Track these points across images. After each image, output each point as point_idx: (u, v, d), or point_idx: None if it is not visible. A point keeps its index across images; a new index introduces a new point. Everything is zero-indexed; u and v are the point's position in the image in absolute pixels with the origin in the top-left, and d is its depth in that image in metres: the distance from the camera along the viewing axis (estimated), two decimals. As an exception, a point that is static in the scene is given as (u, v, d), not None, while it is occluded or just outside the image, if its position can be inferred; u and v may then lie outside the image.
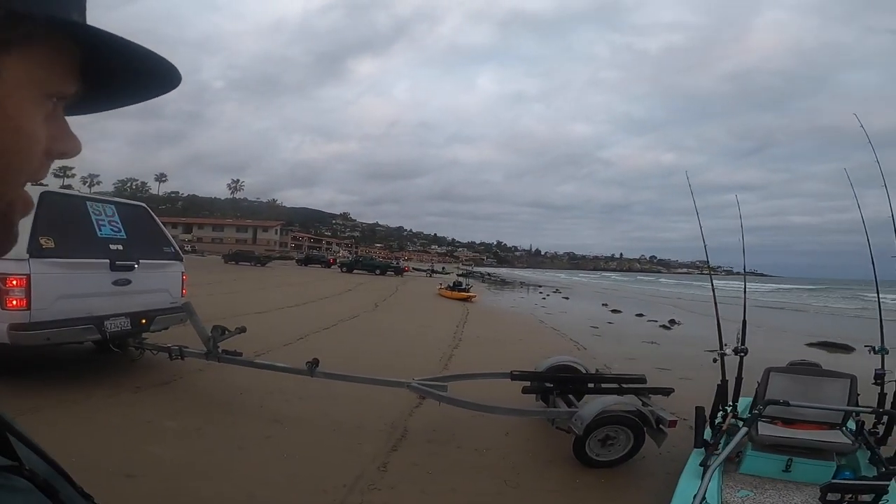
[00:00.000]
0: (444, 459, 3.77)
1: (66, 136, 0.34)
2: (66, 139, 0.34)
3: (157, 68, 0.35)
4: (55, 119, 0.33)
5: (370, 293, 19.64)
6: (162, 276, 5.64)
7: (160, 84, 0.37)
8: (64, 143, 0.34)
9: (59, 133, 0.33)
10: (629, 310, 18.30)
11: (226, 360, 4.92)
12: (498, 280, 48.88)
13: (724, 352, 3.91)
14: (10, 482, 0.27)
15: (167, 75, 0.36)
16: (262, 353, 6.47)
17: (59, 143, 0.34)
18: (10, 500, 0.26)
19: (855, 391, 3.43)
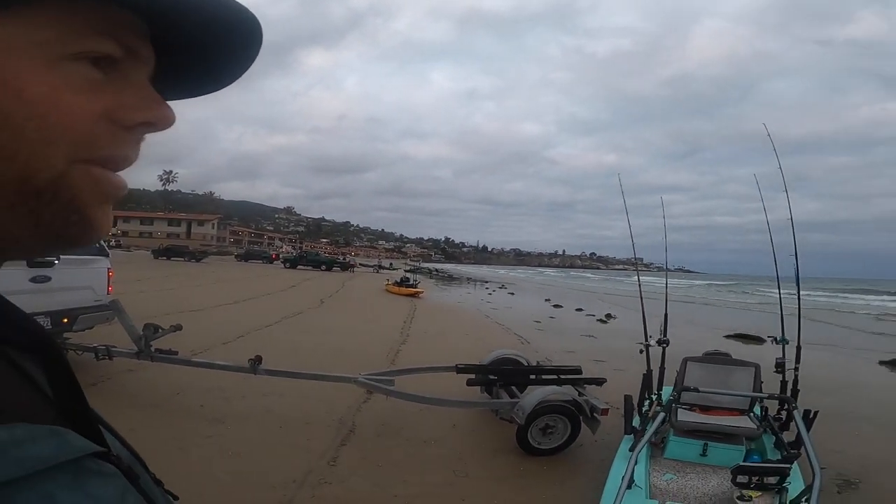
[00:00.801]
0: (394, 452, 3.83)
1: (141, 104, 0.30)
2: (142, 107, 0.30)
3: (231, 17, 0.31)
4: (120, 84, 0.30)
5: (316, 290, 19.21)
6: (85, 272, 5.27)
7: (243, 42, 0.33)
8: (139, 111, 0.30)
9: (129, 100, 0.30)
10: (570, 305, 19.11)
11: (160, 359, 4.70)
12: (445, 276, 49.25)
13: (649, 343, 4.24)
14: (102, 468, 0.28)
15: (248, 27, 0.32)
16: (200, 351, 6.21)
17: (129, 110, 0.30)
18: (101, 483, 0.27)
19: (759, 378, 3.78)
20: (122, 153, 0.31)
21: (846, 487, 3.46)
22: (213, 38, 0.32)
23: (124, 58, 0.30)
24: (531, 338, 10.01)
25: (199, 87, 0.37)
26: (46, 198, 0.28)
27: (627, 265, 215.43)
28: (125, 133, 0.30)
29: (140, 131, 0.31)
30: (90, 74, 0.28)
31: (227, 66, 0.35)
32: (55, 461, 0.25)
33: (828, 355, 9.12)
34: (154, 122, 0.31)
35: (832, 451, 3.93)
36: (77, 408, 0.32)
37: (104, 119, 0.29)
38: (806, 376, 4.07)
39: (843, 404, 5.54)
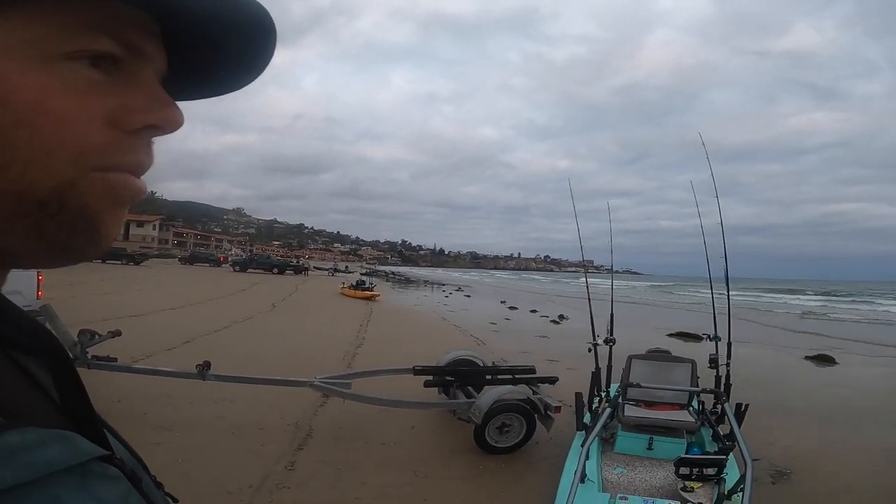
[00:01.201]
0: (353, 455, 3.80)
1: (147, 106, 0.29)
2: (147, 109, 0.29)
3: (243, 12, 0.30)
4: (124, 85, 0.28)
5: (267, 293, 18.59)
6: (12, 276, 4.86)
7: (259, 36, 0.32)
8: (143, 113, 0.28)
9: (133, 102, 0.28)
10: (525, 307, 19.52)
11: (97, 366, 4.41)
12: (402, 279, 49.03)
13: (597, 342, 4.41)
14: (106, 471, 0.28)
15: (261, 21, 0.31)
16: (142, 358, 5.90)
17: (134, 113, 0.28)
18: (107, 486, 0.27)
19: (696, 374, 4.01)
20: (134, 160, 0.29)
21: (779, 478, 3.69)
22: (225, 34, 0.30)
23: (127, 56, 0.28)
24: (487, 339, 10.15)
25: (214, 87, 0.36)
26: (51, 209, 0.26)
27: (579, 267, 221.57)
28: (129, 137, 0.28)
29: (147, 135, 0.30)
30: (89, 75, 0.27)
31: (242, 63, 0.34)
32: (64, 465, 0.25)
33: (758, 352, 9.83)
34: (160, 124, 0.30)
35: (765, 443, 4.21)
36: (82, 411, 0.32)
37: (106, 122, 0.27)
38: (738, 371, 4.37)
39: (773, 398, 5.96)
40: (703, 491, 2.72)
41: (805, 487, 3.55)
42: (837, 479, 3.70)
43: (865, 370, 8.46)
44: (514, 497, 3.32)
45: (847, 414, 5.49)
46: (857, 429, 4.94)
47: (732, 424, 3.23)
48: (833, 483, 3.62)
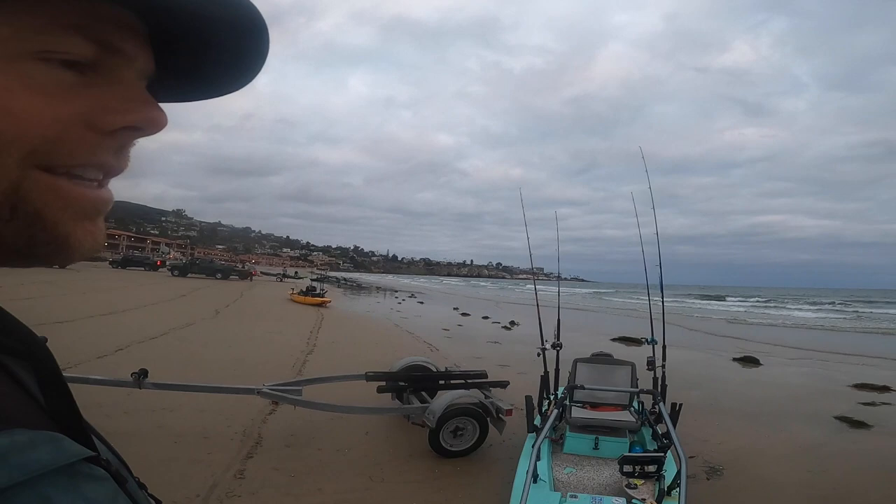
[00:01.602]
0: (307, 462, 3.71)
1: (125, 106, 0.28)
2: (126, 110, 0.28)
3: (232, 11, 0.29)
4: (100, 86, 0.27)
5: (209, 299, 17.70)
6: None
7: (252, 39, 0.31)
8: (120, 114, 0.28)
9: (110, 103, 0.28)
10: (477, 313, 19.72)
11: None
12: (354, 285, 48.19)
13: (545, 347, 4.56)
14: (93, 471, 0.28)
15: (251, 19, 0.30)
16: (69, 367, 5.47)
17: (110, 114, 0.28)
18: (94, 486, 0.27)
19: (635, 375, 4.22)
20: (99, 160, 0.28)
21: (713, 474, 3.90)
22: (214, 32, 0.29)
23: (105, 56, 0.27)
24: (440, 345, 10.19)
25: (207, 89, 0.35)
26: (3, 214, 0.26)
27: (530, 275, 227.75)
28: (104, 139, 0.28)
29: (125, 136, 0.29)
30: (60, 76, 0.26)
31: (234, 64, 0.33)
32: (53, 466, 0.25)
33: (692, 354, 10.47)
34: (139, 125, 0.29)
35: (700, 441, 4.47)
36: (67, 413, 0.32)
37: (79, 124, 0.27)
38: (674, 373, 4.62)
39: (706, 398, 6.37)
40: (645, 487, 2.86)
41: (736, 483, 3.74)
42: (764, 474, 3.95)
43: (785, 370, 9.18)
44: (470, 498, 3.36)
45: (771, 412, 5.90)
46: (780, 426, 5.32)
47: (667, 423, 3.42)
48: (761, 478, 3.86)
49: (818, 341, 14.53)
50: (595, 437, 3.59)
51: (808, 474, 3.94)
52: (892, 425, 5.38)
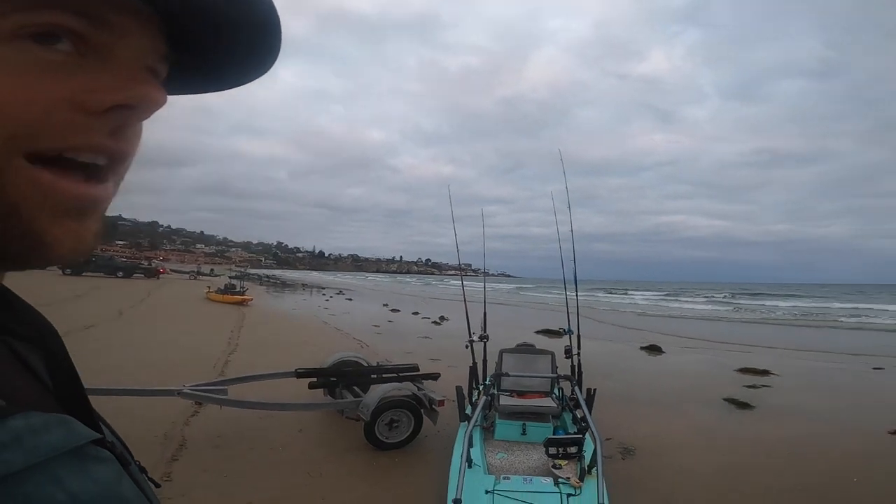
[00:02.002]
0: (239, 461, 3.59)
1: (117, 84, 0.26)
2: (118, 88, 0.26)
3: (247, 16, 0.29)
4: (91, 65, 0.26)
5: (111, 299, 16.08)
6: None
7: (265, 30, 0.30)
8: (112, 92, 0.26)
9: (102, 82, 0.26)
10: (407, 309, 19.78)
11: None
12: (278, 282, 46.06)
13: (473, 339, 4.77)
14: (100, 453, 0.29)
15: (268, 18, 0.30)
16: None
17: (102, 93, 0.26)
18: (101, 468, 0.28)
19: (555, 363, 4.52)
20: (92, 142, 0.26)
21: (627, 454, 4.18)
22: (227, 21, 0.28)
23: (95, 32, 0.26)
24: (371, 341, 10.13)
25: (220, 82, 0.35)
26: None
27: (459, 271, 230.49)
28: (95, 119, 0.26)
29: (118, 116, 0.27)
30: (41, 55, 0.24)
31: (248, 56, 0.32)
32: (65, 448, 0.26)
33: (604, 344, 11.36)
34: (131, 103, 0.27)
35: (615, 425, 4.84)
36: (76, 397, 0.33)
37: (65, 105, 0.25)
38: (589, 361, 5.00)
39: (618, 384, 6.92)
40: (569, 467, 3.09)
41: (647, 462, 4.08)
42: (670, 453, 4.33)
43: (683, 357, 10.25)
44: (410, 487, 3.43)
45: (673, 396, 6.52)
46: (681, 409, 5.90)
47: (583, 407, 3.72)
48: (667, 457, 4.23)
49: (708, 331, 16.35)
50: (522, 423, 3.81)
51: (704, 452, 4.41)
52: (770, 405, 6.11)
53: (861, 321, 21.30)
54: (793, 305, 31.99)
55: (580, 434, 3.40)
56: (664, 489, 3.55)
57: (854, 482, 3.71)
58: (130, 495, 0.30)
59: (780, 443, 4.64)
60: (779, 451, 4.39)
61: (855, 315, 24.51)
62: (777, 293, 52.26)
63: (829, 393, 6.92)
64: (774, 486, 3.64)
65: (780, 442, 4.66)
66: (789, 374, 8.23)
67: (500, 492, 2.70)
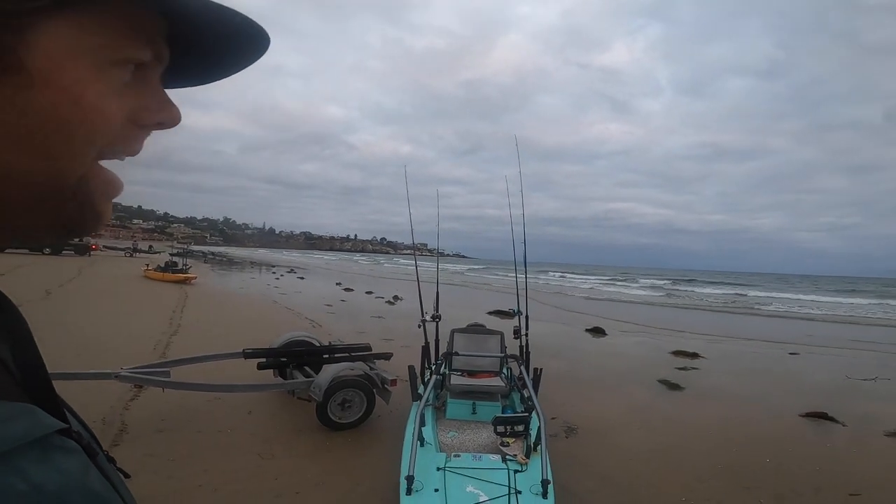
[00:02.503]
0: (186, 445, 3.49)
1: (158, 106, 0.32)
2: (159, 109, 0.33)
3: (246, 30, 0.33)
4: (143, 87, 0.31)
5: (35, 278, 14.84)
6: None
7: (253, 48, 0.35)
8: (157, 113, 0.32)
9: (149, 102, 0.32)
10: (360, 288, 19.60)
11: None
12: (224, 260, 44.20)
13: (425, 319, 4.80)
14: (65, 444, 0.28)
15: (258, 37, 0.34)
16: None
17: (151, 113, 0.32)
18: (67, 458, 0.28)
19: (504, 343, 4.63)
20: (133, 150, 0.33)
21: (570, 433, 4.38)
22: (220, 44, 0.33)
23: (151, 63, 0.31)
24: (323, 321, 10.00)
25: (196, 81, 0.38)
26: (69, 194, 0.30)
27: (413, 250, 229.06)
28: (141, 132, 0.33)
29: (153, 130, 0.33)
30: (121, 79, 0.30)
31: (227, 65, 0.37)
32: (30, 438, 0.26)
33: (554, 326, 11.81)
34: (166, 122, 0.33)
35: (559, 404, 5.07)
36: (40, 385, 0.32)
37: (127, 120, 0.31)
38: (538, 342, 5.16)
39: (564, 365, 7.23)
40: (516, 445, 3.21)
41: (588, 440, 4.28)
42: (610, 432, 4.57)
43: (624, 339, 10.84)
44: (364, 466, 3.46)
45: (614, 376, 6.89)
46: (621, 389, 6.24)
47: (529, 387, 3.86)
48: (607, 436, 4.47)
49: (647, 315, 17.33)
50: (473, 402, 3.90)
51: (640, 431, 4.71)
52: (698, 387, 6.57)
53: (781, 309, 23.27)
54: (723, 293, 34.42)
55: (526, 413, 3.51)
56: (603, 467, 3.76)
57: (767, 462, 4.07)
58: (98, 486, 0.29)
59: (707, 424, 5.01)
60: (705, 432, 4.75)
61: (777, 303, 26.84)
62: (710, 280, 56.01)
63: (750, 376, 7.52)
64: (702, 464, 3.94)
65: (707, 423, 5.04)
66: (715, 357, 8.89)
67: (451, 469, 2.78)
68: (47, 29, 0.26)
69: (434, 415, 3.79)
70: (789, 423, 5.19)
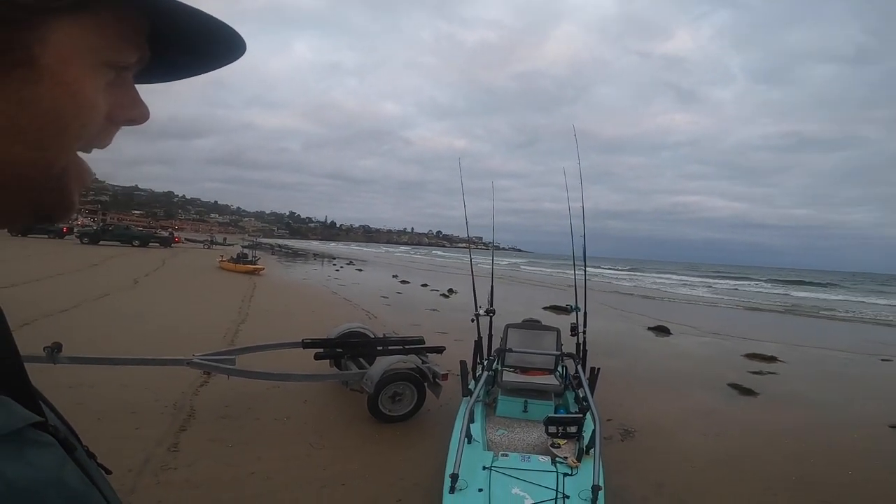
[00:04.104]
0: (244, 432, 3.68)
1: (132, 104, 0.34)
2: (133, 106, 0.34)
3: (223, 36, 0.34)
4: (120, 86, 0.32)
5: (126, 268, 16.41)
6: None
7: (228, 53, 0.36)
8: (130, 110, 0.34)
9: (124, 100, 0.33)
10: (416, 280, 19.88)
11: None
12: (290, 252, 46.54)
13: (479, 314, 4.74)
14: (40, 437, 0.28)
15: (234, 43, 0.35)
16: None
17: (125, 110, 0.33)
18: (42, 453, 0.27)
19: (560, 341, 4.47)
20: (105, 144, 0.34)
21: (627, 436, 4.19)
22: (198, 46, 0.35)
23: (134, 64, 0.32)
24: (379, 312, 10.24)
25: (167, 78, 0.39)
26: (52, 184, 0.31)
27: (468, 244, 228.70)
28: (114, 128, 0.34)
29: (124, 126, 0.35)
30: (109, 78, 0.31)
31: (199, 65, 0.38)
32: (2, 431, 0.25)
33: (614, 324, 11.34)
34: (137, 119, 0.35)
35: (616, 405, 4.86)
36: (15, 376, 0.32)
37: (106, 117, 0.32)
38: (595, 340, 4.95)
39: (623, 364, 6.93)
40: (567, 447, 3.08)
41: (646, 444, 4.06)
42: (670, 437, 4.34)
43: (690, 340, 10.18)
44: (409, 461, 3.48)
45: (677, 379, 6.50)
46: (685, 392, 5.89)
47: (585, 387, 3.69)
48: (667, 441, 4.24)
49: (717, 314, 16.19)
50: (524, 400, 3.80)
51: (703, 437, 4.40)
52: (774, 392, 6.06)
53: (871, 314, 20.82)
54: (806, 295, 31.25)
55: (581, 414, 3.38)
56: (661, 474, 3.55)
57: (849, 475, 3.69)
58: (74, 482, 0.29)
59: (781, 432, 4.62)
60: (778, 441, 4.38)
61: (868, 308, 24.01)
62: (793, 280, 50.98)
63: (834, 382, 6.87)
64: (773, 475, 3.63)
65: (781, 431, 4.64)
66: (796, 361, 8.16)
67: (498, 468, 2.73)
68: (60, 27, 0.27)
69: (484, 411, 3.74)
70: (878, 434, 4.70)
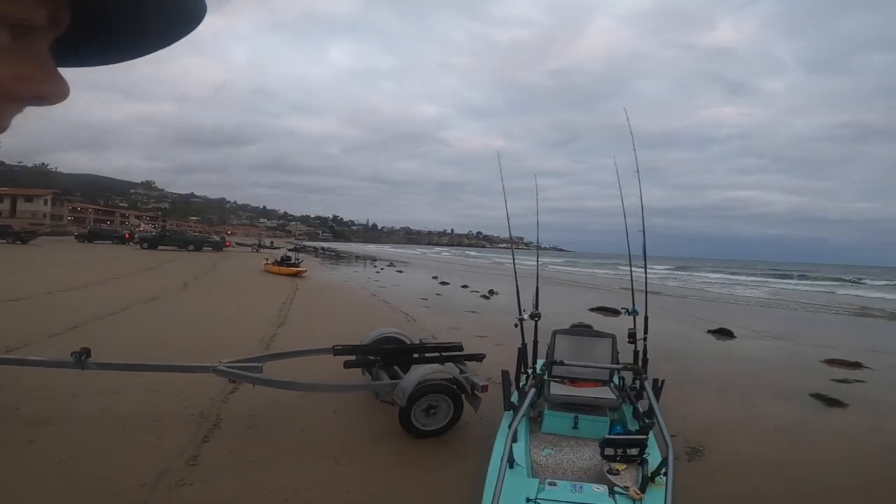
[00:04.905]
0: (267, 445, 3.47)
1: (39, 77, 0.28)
2: (41, 81, 0.28)
3: None
4: (21, 54, 0.26)
5: (179, 271, 17.12)
6: None
7: (182, 16, 0.30)
8: (36, 84, 0.28)
9: (26, 72, 0.27)
10: (456, 281, 19.63)
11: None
12: (332, 254, 47.53)
13: (523, 318, 4.29)
14: None
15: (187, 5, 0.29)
16: (17, 347, 5.11)
17: (28, 84, 0.27)
18: None
19: (615, 348, 3.99)
20: (5, 127, 0.29)
21: (694, 455, 3.72)
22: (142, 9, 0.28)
23: (43, 27, 0.27)
24: (417, 315, 10.01)
25: (112, 55, 0.32)
26: None
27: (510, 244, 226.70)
28: (11, 105, 0.28)
29: (30, 104, 0.29)
30: (1, 42, 0.25)
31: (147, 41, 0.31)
32: None
33: (668, 326, 10.56)
34: (48, 96, 0.29)
35: (678, 417, 4.35)
36: None
37: (3, 93, 0.27)
38: (653, 345, 4.47)
39: (681, 370, 6.32)
40: (627, 473, 2.64)
41: (717, 464, 3.61)
42: (743, 453, 3.83)
43: (758, 343, 9.31)
44: (442, 483, 3.14)
45: (748, 388, 5.84)
46: (754, 401, 5.28)
47: (652, 402, 3.18)
48: (741, 458, 3.74)
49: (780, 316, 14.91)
50: (574, 415, 3.38)
51: (788, 457, 3.84)
52: (866, 403, 5.34)
53: None
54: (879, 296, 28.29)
55: (643, 433, 2.93)
56: (744, 501, 3.05)
57: None
58: None
59: (882, 451, 3.97)
60: (879, 462, 3.75)
61: None
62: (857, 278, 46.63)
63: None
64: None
65: (882, 450, 3.99)
66: (884, 368, 7.23)
67: (544, 500, 2.34)
68: None
69: (528, 427, 3.32)
70: None
